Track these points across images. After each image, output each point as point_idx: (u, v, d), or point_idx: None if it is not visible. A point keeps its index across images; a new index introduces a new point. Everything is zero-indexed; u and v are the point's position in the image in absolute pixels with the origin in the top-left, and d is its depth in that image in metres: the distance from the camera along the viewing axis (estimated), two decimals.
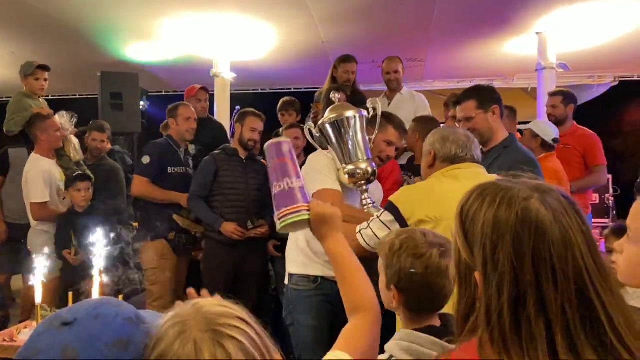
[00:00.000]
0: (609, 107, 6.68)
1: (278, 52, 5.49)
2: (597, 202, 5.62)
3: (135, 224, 3.54)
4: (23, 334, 1.95)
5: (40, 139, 3.37)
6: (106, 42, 5.21)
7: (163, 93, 7.27)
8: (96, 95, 5.05)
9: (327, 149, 2.24)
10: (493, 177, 1.67)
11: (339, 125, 2.14)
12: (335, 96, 2.39)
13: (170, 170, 3.35)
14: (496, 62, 5.91)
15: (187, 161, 3.46)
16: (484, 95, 2.31)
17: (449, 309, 1.26)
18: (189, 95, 4.09)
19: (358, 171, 2.13)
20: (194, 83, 4.16)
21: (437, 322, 1.26)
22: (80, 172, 3.40)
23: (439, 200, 1.71)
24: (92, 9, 4.42)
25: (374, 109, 2.26)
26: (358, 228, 1.87)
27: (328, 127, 2.16)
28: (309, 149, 3.10)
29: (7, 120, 3.52)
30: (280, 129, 3.80)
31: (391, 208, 1.79)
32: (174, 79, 6.68)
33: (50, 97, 7.59)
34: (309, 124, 2.43)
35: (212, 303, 0.74)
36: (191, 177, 3.34)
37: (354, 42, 5.10)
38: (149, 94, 7.17)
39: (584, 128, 3.96)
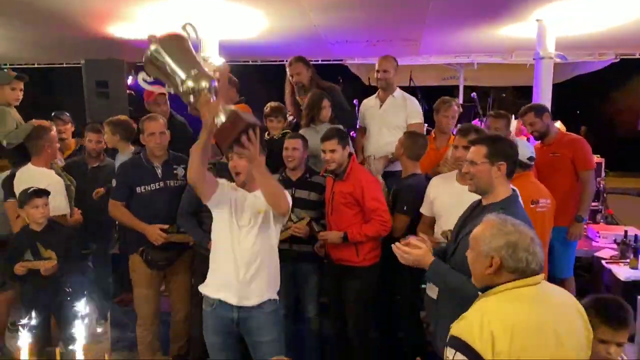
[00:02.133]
0: (608, 82, 6.58)
1: (269, 33, 5.29)
2: None
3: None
4: None
5: (46, 151, 3.45)
6: (91, 24, 5.00)
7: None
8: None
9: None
10: (555, 298, 1.65)
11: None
12: None
13: (139, 190, 3.24)
14: (494, 42, 5.72)
15: (169, 173, 3.31)
16: (497, 148, 2.22)
17: None
18: (147, 100, 4.01)
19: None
20: None
21: None
22: (36, 188, 3.18)
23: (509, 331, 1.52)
24: None
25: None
26: None
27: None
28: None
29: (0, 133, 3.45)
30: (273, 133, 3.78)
31: (464, 349, 1.53)
32: None
33: (36, 66, 7.51)
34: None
35: None
36: (173, 189, 3.27)
37: (347, 26, 4.92)
38: (138, 64, 6.99)
39: (570, 133, 3.94)
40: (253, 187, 2.54)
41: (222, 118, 2.14)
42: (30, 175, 3.36)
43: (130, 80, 5.59)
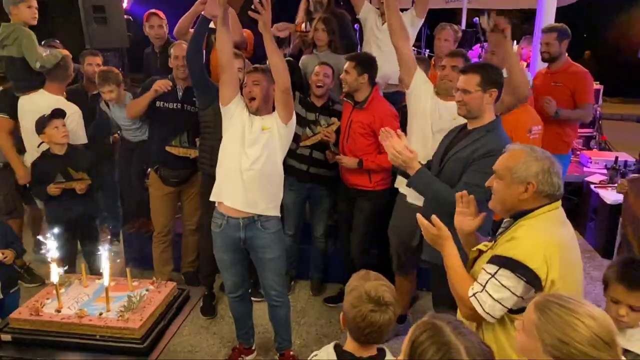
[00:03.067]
0: (614, 7, 6.43)
1: None
2: None
3: None
4: (47, 306, 2.25)
5: (65, 80, 3.63)
6: None
7: None
8: None
9: None
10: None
11: None
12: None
13: (157, 104, 3.44)
14: None
15: (189, 98, 3.44)
16: (489, 76, 2.34)
17: None
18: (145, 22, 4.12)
19: None
20: None
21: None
22: (55, 108, 3.26)
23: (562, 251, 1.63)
24: None
25: None
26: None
27: None
28: None
29: (32, 55, 3.44)
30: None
31: (521, 269, 1.59)
32: None
33: None
34: None
35: None
36: (190, 114, 3.42)
37: None
38: None
39: (577, 64, 3.93)
40: (262, 112, 2.68)
41: None
42: (52, 100, 3.45)
43: (125, 4, 5.47)
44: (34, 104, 3.44)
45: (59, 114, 3.23)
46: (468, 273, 1.79)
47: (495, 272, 1.63)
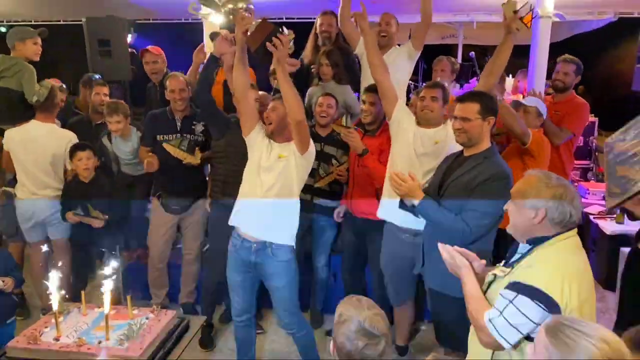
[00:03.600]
0: (605, 42, 6.60)
1: None
2: (582, 144, 5.80)
3: None
4: (45, 334, 2.21)
5: (55, 109, 3.69)
6: None
7: (151, 21, 7.01)
8: (81, 21, 4.92)
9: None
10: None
11: None
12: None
13: (158, 138, 3.52)
14: None
15: (188, 127, 3.53)
16: (487, 104, 2.41)
17: None
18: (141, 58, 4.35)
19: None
20: (184, 12, 4.23)
21: None
22: (76, 142, 3.52)
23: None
24: None
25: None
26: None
27: None
28: None
29: (31, 90, 3.57)
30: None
31: (539, 296, 1.59)
32: (162, 8, 6.41)
33: (34, 23, 7.44)
34: None
35: None
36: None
37: None
38: (137, 21, 6.95)
39: (579, 97, 4.02)
40: (279, 139, 2.77)
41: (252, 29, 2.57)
42: (45, 128, 3.57)
43: (130, 38, 5.60)
44: (26, 133, 3.52)
45: (80, 147, 3.45)
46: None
47: (514, 299, 1.62)
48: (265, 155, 2.72)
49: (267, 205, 2.66)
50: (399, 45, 4.05)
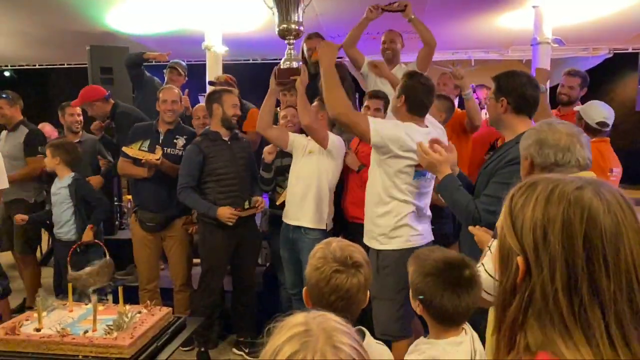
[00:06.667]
0: (602, 78, 6.68)
1: (271, 23, 5.36)
2: None
3: None
4: (25, 327, 1.99)
5: None
6: (95, 14, 5.06)
7: (154, 63, 7.11)
8: (85, 65, 4.99)
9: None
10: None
11: None
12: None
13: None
14: (491, 34, 5.83)
15: (169, 142, 3.45)
16: (501, 84, 2.22)
17: None
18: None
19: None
20: (185, 55, 4.10)
21: None
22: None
23: None
24: None
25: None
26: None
27: None
28: None
29: None
30: (278, 108, 3.80)
31: None
32: (165, 51, 6.53)
33: (38, 67, 7.57)
34: None
35: (332, 319, 0.80)
36: (170, 157, 3.40)
37: (348, 16, 4.99)
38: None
39: None
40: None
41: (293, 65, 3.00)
42: None
43: None
44: None
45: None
46: None
47: (491, 244, 1.58)
48: (302, 150, 3.14)
49: (297, 194, 3.10)
50: (405, 64, 4.08)
